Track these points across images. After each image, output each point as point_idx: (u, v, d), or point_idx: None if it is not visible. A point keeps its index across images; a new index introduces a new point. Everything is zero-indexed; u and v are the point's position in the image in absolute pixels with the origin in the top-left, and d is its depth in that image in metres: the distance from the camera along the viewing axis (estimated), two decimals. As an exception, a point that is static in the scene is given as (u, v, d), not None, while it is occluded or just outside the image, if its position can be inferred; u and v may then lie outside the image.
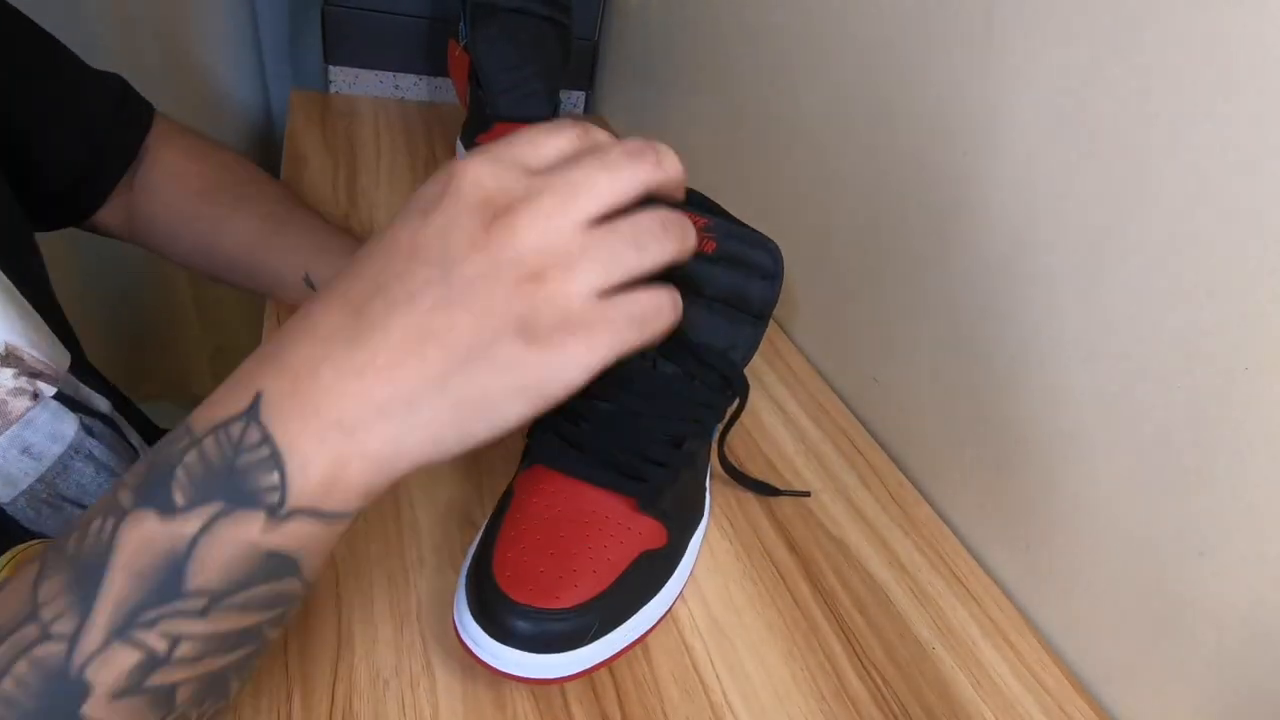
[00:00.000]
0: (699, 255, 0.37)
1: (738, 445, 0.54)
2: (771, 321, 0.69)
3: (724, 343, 0.40)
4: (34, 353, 0.41)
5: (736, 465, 0.49)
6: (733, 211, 0.41)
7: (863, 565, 0.47)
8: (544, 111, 0.83)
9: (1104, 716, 0.42)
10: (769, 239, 0.40)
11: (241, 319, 1.17)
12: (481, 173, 0.26)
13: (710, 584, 0.43)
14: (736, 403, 0.43)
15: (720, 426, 0.46)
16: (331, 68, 1.00)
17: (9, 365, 0.40)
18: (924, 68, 0.53)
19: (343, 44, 0.99)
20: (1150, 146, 0.39)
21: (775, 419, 0.57)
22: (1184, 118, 0.37)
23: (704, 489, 0.46)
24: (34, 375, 0.41)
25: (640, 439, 0.39)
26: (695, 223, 0.36)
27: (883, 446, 0.57)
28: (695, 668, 0.38)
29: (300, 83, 1.11)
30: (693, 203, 0.47)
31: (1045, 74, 0.44)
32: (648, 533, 0.38)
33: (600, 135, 0.29)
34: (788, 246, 0.69)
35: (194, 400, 0.27)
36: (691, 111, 0.86)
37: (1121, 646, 0.42)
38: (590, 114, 1.16)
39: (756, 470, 0.52)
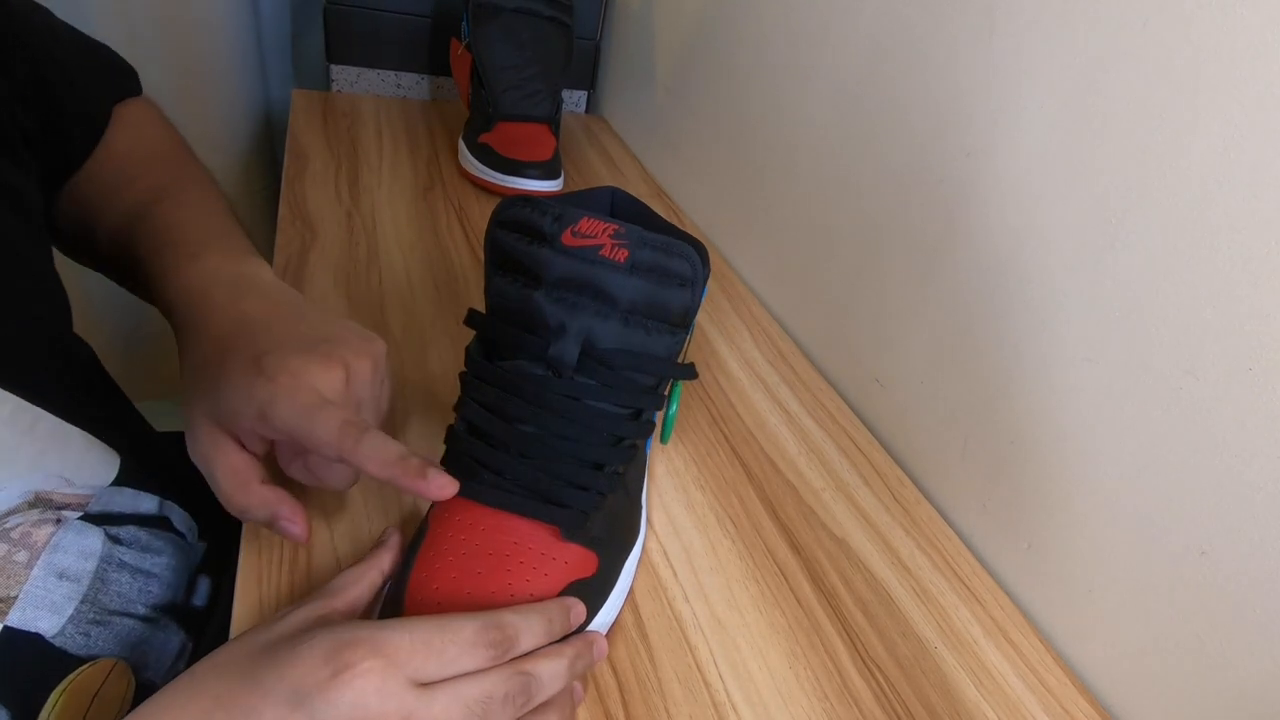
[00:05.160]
0: (611, 266, 0.35)
1: (741, 446, 0.54)
2: (774, 322, 0.69)
3: (641, 353, 0.37)
4: (67, 490, 0.41)
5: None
6: (733, 211, 0.41)
7: (865, 565, 0.47)
8: (546, 110, 0.83)
9: (1105, 716, 0.42)
10: (691, 242, 0.37)
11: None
12: (368, 690, 0.27)
13: (713, 583, 0.43)
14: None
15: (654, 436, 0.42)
16: (333, 66, 1.00)
17: (36, 507, 0.39)
18: (926, 68, 0.53)
19: (345, 43, 0.99)
20: (1153, 147, 0.39)
21: (778, 419, 0.57)
22: (1187, 118, 0.37)
23: (639, 507, 0.43)
24: (61, 508, 0.40)
25: (561, 461, 0.36)
26: (605, 229, 0.34)
27: (885, 447, 0.57)
28: (698, 667, 0.38)
29: (302, 81, 1.12)
30: (617, 202, 0.46)
31: (1047, 75, 0.44)
32: (575, 561, 0.36)
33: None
34: (791, 247, 0.70)
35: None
36: (693, 111, 0.86)
37: (1123, 646, 0.42)
38: (591, 113, 1.16)
39: (759, 470, 0.52)
